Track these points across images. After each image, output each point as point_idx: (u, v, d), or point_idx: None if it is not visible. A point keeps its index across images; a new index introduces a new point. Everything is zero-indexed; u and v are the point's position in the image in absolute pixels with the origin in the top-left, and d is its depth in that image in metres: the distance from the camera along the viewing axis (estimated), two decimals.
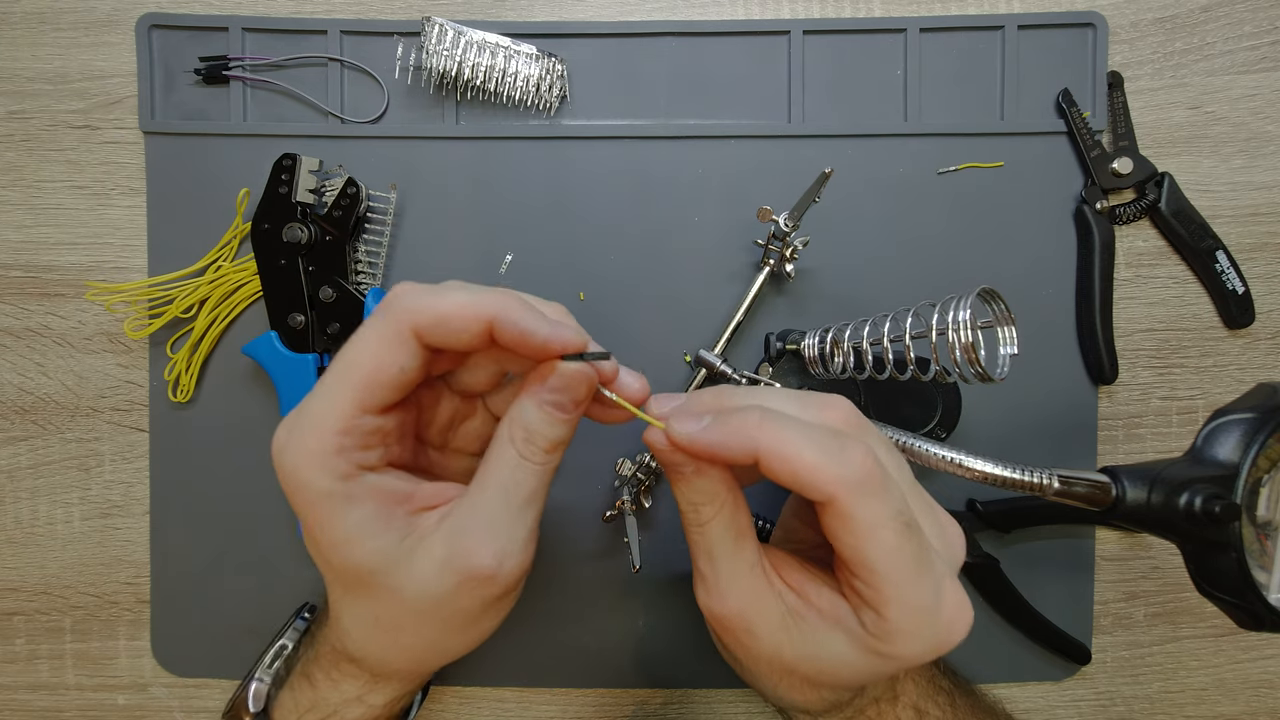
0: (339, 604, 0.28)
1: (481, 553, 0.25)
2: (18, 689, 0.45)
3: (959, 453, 0.30)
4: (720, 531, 0.26)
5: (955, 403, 0.40)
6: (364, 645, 0.28)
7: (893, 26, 0.43)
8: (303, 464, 0.24)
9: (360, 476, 0.25)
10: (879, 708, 0.30)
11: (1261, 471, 0.30)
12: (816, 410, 0.26)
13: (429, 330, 0.24)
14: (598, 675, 0.44)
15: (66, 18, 0.44)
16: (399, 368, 0.24)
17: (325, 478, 0.24)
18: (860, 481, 0.22)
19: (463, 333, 0.24)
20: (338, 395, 0.24)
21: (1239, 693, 0.45)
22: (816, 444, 0.23)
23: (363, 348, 0.25)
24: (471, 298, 0.24)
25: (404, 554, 0.25)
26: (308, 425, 0.24)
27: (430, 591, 0.25)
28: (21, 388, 0.44)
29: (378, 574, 0.25)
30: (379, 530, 0.25)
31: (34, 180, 0.44)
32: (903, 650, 0.24)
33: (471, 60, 0.41)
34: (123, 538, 0.44)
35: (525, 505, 0.26)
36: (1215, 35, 0.44)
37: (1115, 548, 0.45)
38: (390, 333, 0.24)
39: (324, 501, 0.24)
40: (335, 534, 0.25)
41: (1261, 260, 0.44)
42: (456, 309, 0.24)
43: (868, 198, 0.44)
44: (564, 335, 0.24)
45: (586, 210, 0.44)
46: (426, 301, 0.24)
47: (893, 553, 0.23)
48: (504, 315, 0.24)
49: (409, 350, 0.24)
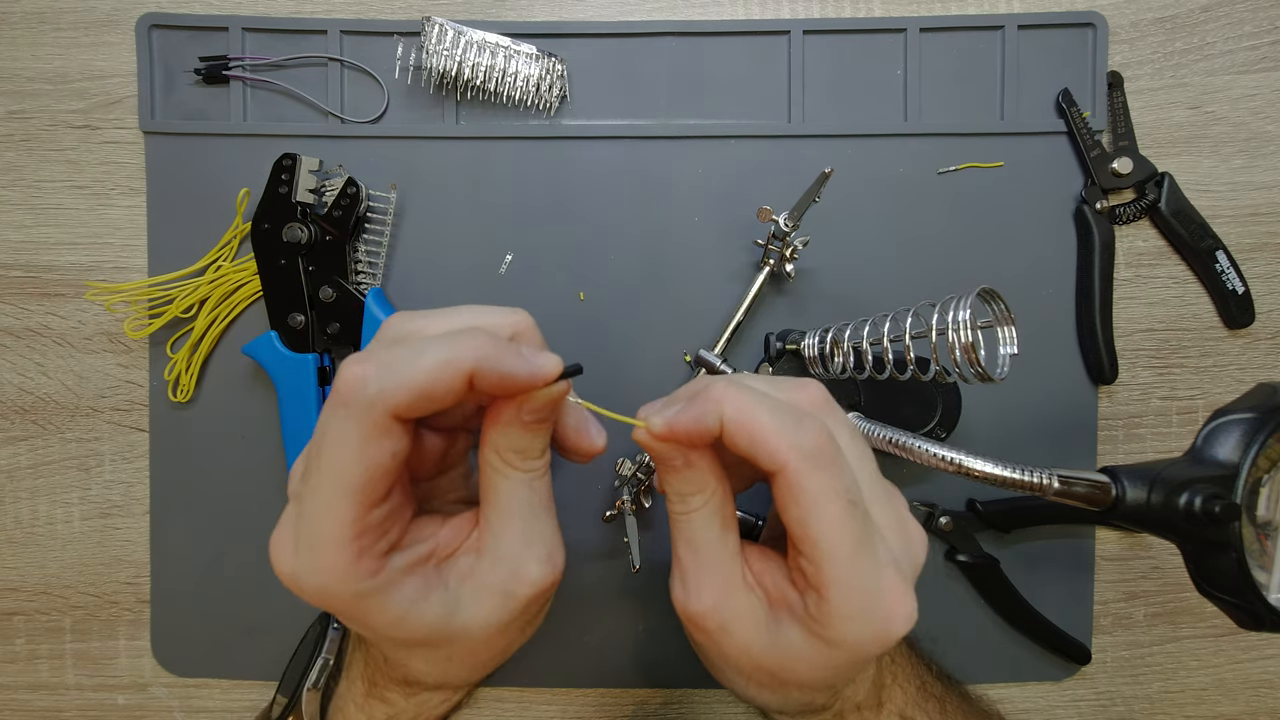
0: (406, 658, 0.29)
1: (537, 568, 0.26)
2: (18, 689, 0.45)
3: (959, 453, 0.30)
4: (706, 520, 0.26)
5: (955, 403, 0.40)
6: (444, 678, 0.30)
7: (893, 26, 0.43)
8: (328, 583, 0.23)
9: (387, 563, 0.24)
10: (861, 715, 0.30)
11: (1261, 471, 0.30)
12: (785, 390, 0.26)
13: (409, 409, 0.22)
14: (598, 675, 0.44)
15: (66, 18, 0.44)
16: (391, 457, 0.23)
17: (355, 584, 0.23)
18: (811, 452, 0.23)
19: (447, 396, 0.23)
20: (338, 506, 0.23)
21: (1239, 693, 0.45)
22: (774, 413, 0.23)
23: (345, 451, 0.22)
24: (441, 356, 0.22)
25: (454, 603, 0.26)
26: (319, 544, 0.23)
27: (497, 621, 0.26)
28: (21, 388, 0.44)
29: (437, 631, 0.26)
30: (423, 598, 0.25)
31: (34, 180, 0.44)
32: (841, 634, 0.24)
33: (471, 60, 0.41)
34: (123, 538, 0.44)
35: (545, 508, 0.27)
36: (1215, 35, 0.44)
37: (1115, 548, 0.45)
38: (368, 428, 0.22)
39: (362, 603, 0.24)
40: (385, 621, 0.24)
41: (1261, 260, 0.44)
42: (433, 378, 0.22)
43: (868, 198, 0.44)
44: (545, 371, 0.24)
45: (586, 210, 0.44)
46: (396, 379, 0.22)
47: (835, 528, 0.23)
48: (482, 366, 0.23)
49: (395, 437, 0.23)
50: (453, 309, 0.27)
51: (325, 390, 0.42)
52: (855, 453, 0.26)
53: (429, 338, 0.24)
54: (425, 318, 0.26)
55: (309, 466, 0.24)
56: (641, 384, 0.43)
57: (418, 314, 0.26)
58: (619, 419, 0.26)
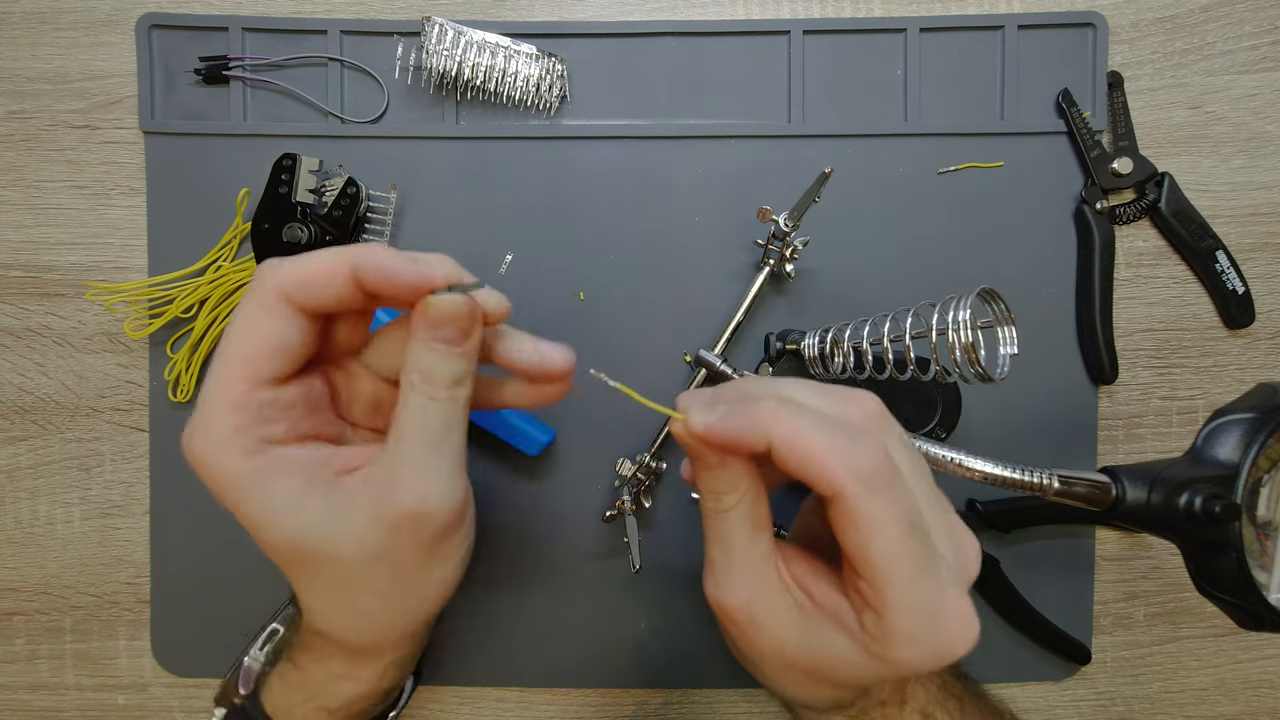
0: (294, 583, 0.28)
1: (406, 495, 0.25)
2: (18, 689, 0.45)
3: (959, 453, 0.30)
4: (739, 521, 0.26)
5: (955, 403, 0.40)
6: (327, 617, 0.28)
7: (893, 26, 0.43)
8: (207, 451, 0.24)
9: (268, 451, 0.25)
10: (884, 711, 0.30)
11: (1261, 471, 0.30)
12: (838, 403, 0.25)
13: (297, 292, 0.24)
14: (598, 675, 0.44)
15: (66, 18, 0.44)
16: (277, 337, 0.25)
17: (231, 459, 0.24)
18: (869, 476, 0.22)
19: (328, 287, 0.24)
20: (222, 374, 0.24)
21: (1239, 693, 0.45)
22: (828, 434, 0.22)
23: (237, 323, 0.25)
24: (332, 253, 0.25)
25: (333, 518, 0.25)
26: (204, 410, 0.24)
27: (367, 545, 0.25)
28: (21, 388, 0.44)
29: (311, 543, 0.25)
30: (301, 501, 0.25)
31: (34, 180, 0.44)
32: (900, 655, 0.23)
33: (471, 60, 0.41)
34: (123, 538, 0.44)
35: (440, 442, 0.25)
36: (1215, 35, 0.44)
37: (1115, 548, 0.45)
38: (260, 303, 0.24)
39: (236, 483, 0.24)
40: (256, 513, 0.25)
41: (1261, 260, 0.44)
42: (317, 267, 0.24)
43: (868, 198, 0.44)
44: (426, 270, 0.24)
45: (586, 210, 0.44)
46: (288, 266, 0.25)
47: (896, 552, 0.22)
48: (364, 261, 0.24)
49: (283, 317, 0.25)
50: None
51: None
52: (912, 469, 0.25)
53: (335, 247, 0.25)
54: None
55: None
56: (642, 384, 0.43)
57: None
58: (656, 408, 0.26)
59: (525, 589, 0.44)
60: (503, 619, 0.44)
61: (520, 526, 0.44)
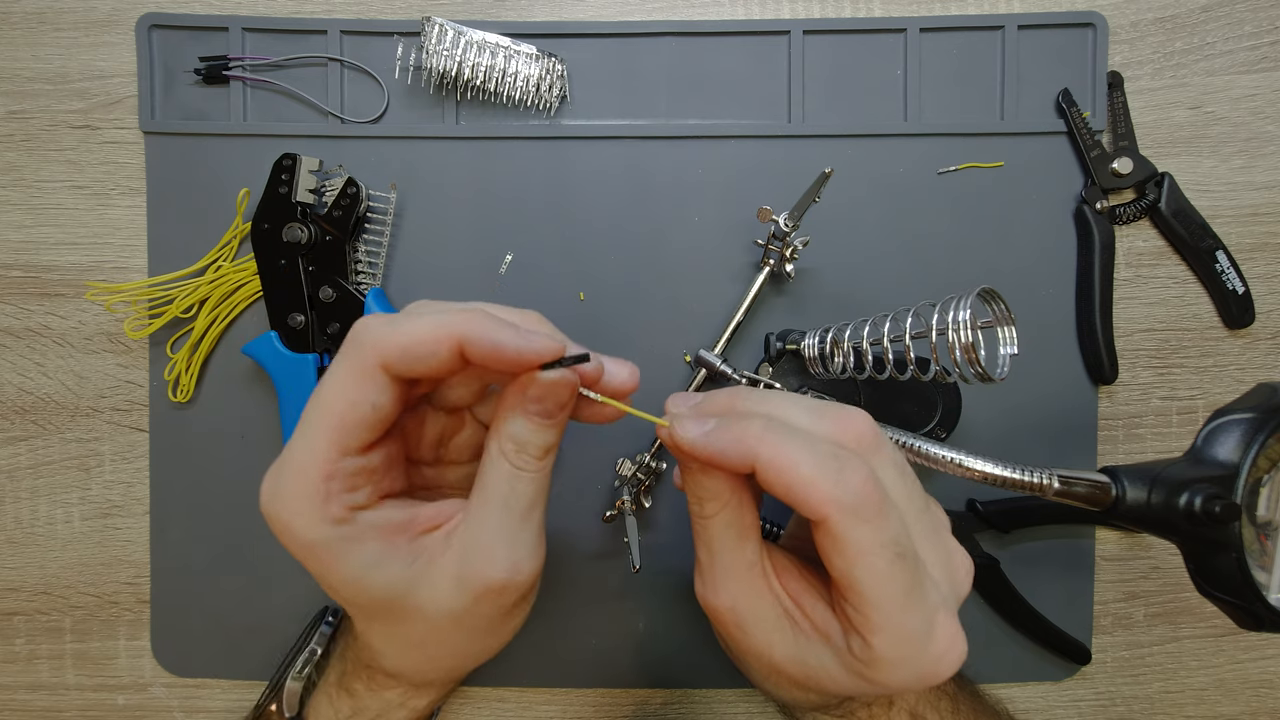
0: (366, 631, 0.29)
1: (494, 566, 0.25)
2: (18, 689, 0.45)
3: (959, 453, 0.30)
4: (722, 528, 0.26)
5: (955, 403, 0.40)
6: (398, 663, 0.29)
7: (893, 26, 0.43)
8: (292, 517, 0.24)
9: (354, 518, 0.24)
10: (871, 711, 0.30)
11: (1261, 471, 0.30)
12: (828, 422, 0.25)
13: (396, 363, 0.23)
14: (598, 675, 0.44)
15: (66, 18, 0.44)
16: (370, 405, 0.24)
17: (317, 527, 0.24)
18: (854, 505, 0.22)
19: (431, 359, 0.23)
20: (315, 441, 0.24)
21: (1239, 693, 0.45)
22: (814, 461, 0.22)
23: (332, 390, 0.24)
24: (436, 321, 0.23)
25: (416, 578, 0.25)
26: (290, 475, 0.24)
27: (450, 608, 0.25)
28: (21, 388, 0.44)
29: (394, 602, 0.25)
30: (384, 564, 0.25)
31: (34, 180, 0.44)
32: (886, 679, 0.23)
33: (471, 60, 0.41)
34: (123, 538, 0.44)
35: (528, 513, 0.26)
36: (1215, 35, 0.44)
37: (1115, 548, 0.45)
38: (357, 371, 0.23)
39: (320, 550, 0.24)
40: (341, 577, 0.25)
41: (1261, 260, 0.44)
42: (421, 337, 0.23)
43: (868, 198, 0.44)
44: (536, 345, 0.23)
45: (586, 210, 0.44)
46: (389, 333, 0.23)
47: (882, 581, 0.22)
48: (472, 334, 0.23)
49: (378, 386, 0.24)
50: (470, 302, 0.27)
51: None
52: (903, 492, 0.25)
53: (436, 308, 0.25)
54: (443, 302, 0.26)
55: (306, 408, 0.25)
56: (642, 384, 0.43)
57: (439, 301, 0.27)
58: (643, 416, 0.26)
59: None
60: None
61: None
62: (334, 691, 0.34)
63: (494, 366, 0.24)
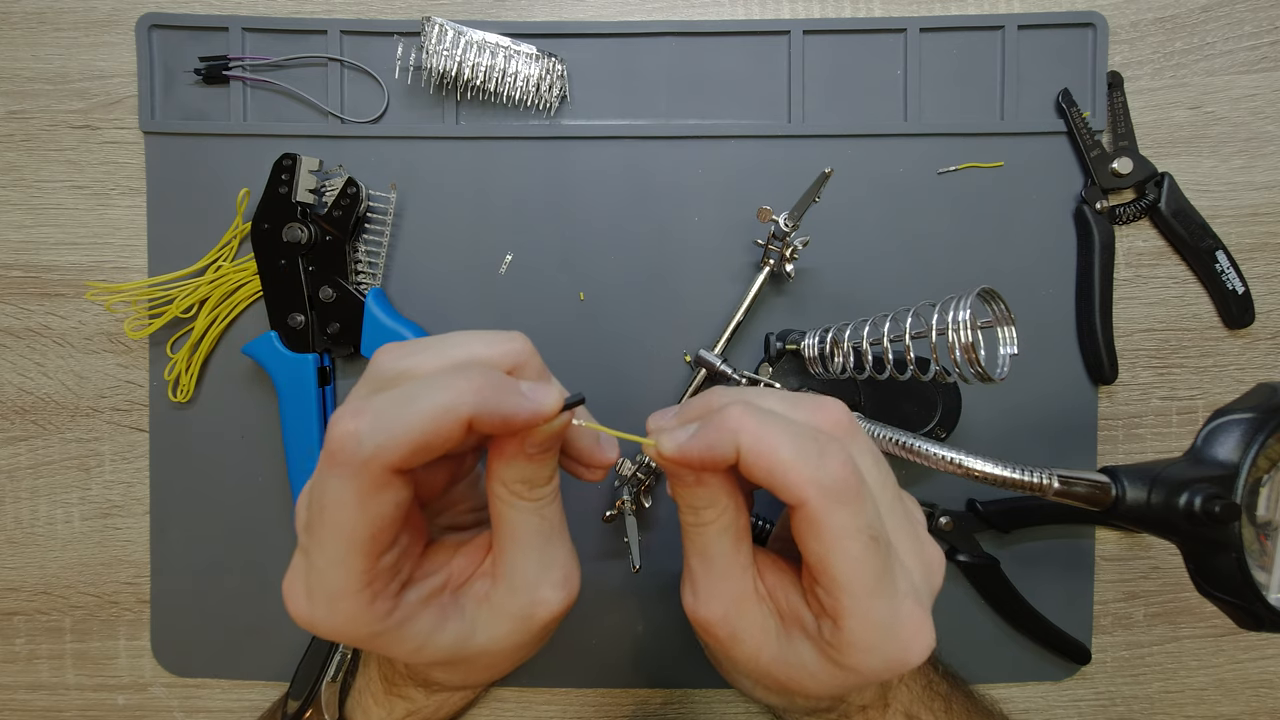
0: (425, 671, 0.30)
1: (553, 594, 0.26)
2: (18, 689, 0.45)
3: (959, 453, 0.30)
4: (718, 534, 0.26)
5: (955, 403, 0.40)
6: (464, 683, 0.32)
7: (893, 26, 0.43)
8: (343, 626, 0.23)
9: (400, 601, 0.24)
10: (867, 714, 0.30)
11: (1261, 471, 0.30)
12: (805, 411, 0.25)
13: (406, 462, 0.21)
14: (598, 675, 0.44)
15: (66, 18, 0.44)
16: (394, 509, 0.22)
17: (370, 625, 0.23)
18: (833, 488, 0.22)
19: (444, 445, 0.22)
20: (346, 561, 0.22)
21: (1239, 693, 0.45)
22: (794, 443, 0.22)
23: (347, 512, 0.22)
24: (437, 402, 0.21)
25: (471, 629, 0.26)
26: (331, 597, 0.23)
27: (515, 644, 0.26)
28: (21, 388, 0.44)
29: (455, 654, 0.26)
30: (440, 626, 0.25)
31: (34, 180, 0.44)
32: (856, 663, 0.24)
33: (471, 60, 0.41)
34: (123, 538, 0.44)
35: (557, 532, 0.27)
36: (1215, 35, 0.44)
37: (1115, 548, 0.45)
38: (369, 487, 0.21)
39: (381, 639, 0.24)
40: (404, 652, 0.25)
41: (1261, 260, 0.44)
42: (429, 429, 0.21)
43: (868, 198, 0.44)
44: (547, 407, 0.23)
45: (586, 210, 0.44)
46: (392, 434, 0.21)
47: (855, 565, 0.22)
48: (480, 410, 0.21)
49: (395, 489, 0.22)
50: (445, 339, 0.25)
51: (325, 391, 0.42)
52: (878, 479, 0.25)
53: (423, 380, 0.22)
54: (416, 353, 0.24)
55: (311, 520, 0.23)
56: (641, 384, 0.43)
57: (407, 348, 0.25)
58: (627, 438, 0.26)
59: None
60: None
61: None
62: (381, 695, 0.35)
63: (503, 434, 0.24)
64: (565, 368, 0.42)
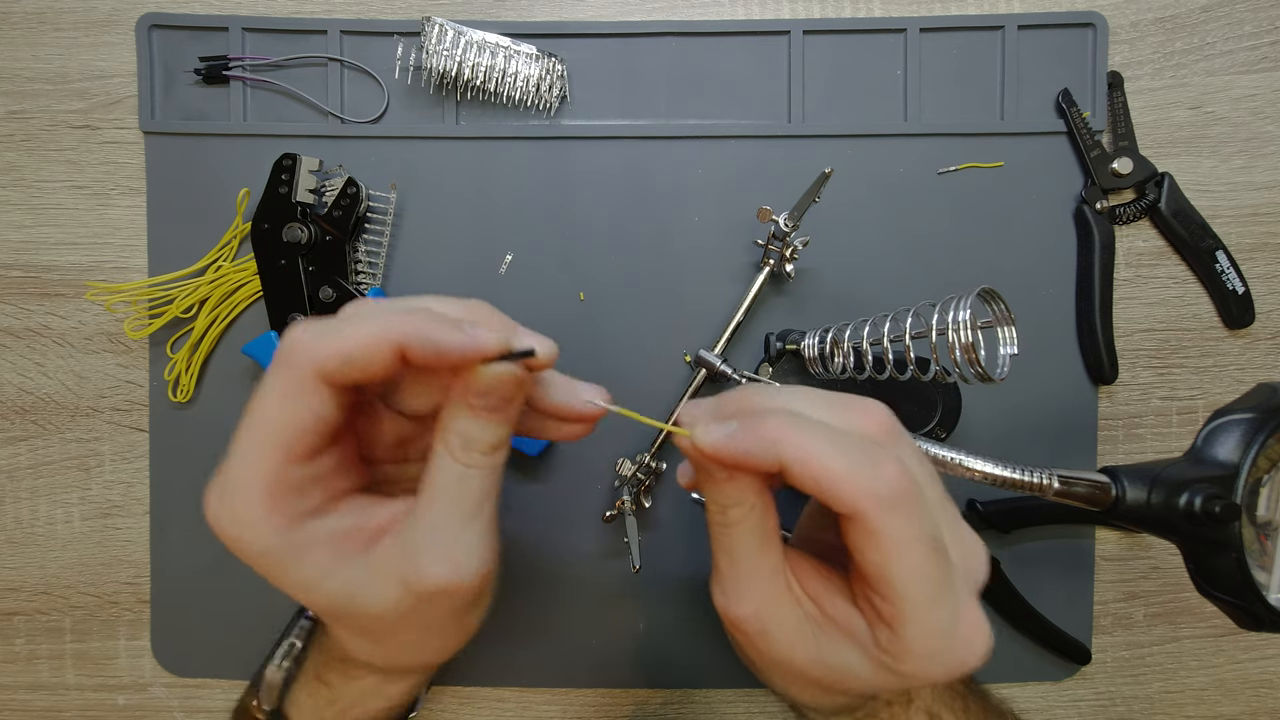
0: (332, 627, 0.29)
1: (436, 569, 0.24)
2: (18, 689, 0.45)
3: (959, 453, 0.30)
4: (745, 534, 0.25)
5: (955, 403, 0.40)
6: (369, 654, 0.29)
7: (893, 26, 0.43)
8: (240, 530, 0.24)
9: (301, 527, 0.24)
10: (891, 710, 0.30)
11: (1261, 471, 0.30)
12: (849, 414, 0.24)
13: (336, 372, 0.23)
14: (598, 675, 0.44)
15: (66, 18, 0.44)
16: (313, 416, 0.23)
17: (265, 538, 0.23)
18: (891, 497, 0.21)
19: (371, 365, 0.23)
20: (255, 455, 0.23)
21: (1239, 693, 0.45)
22: (845, 453, 0.22)
23: (270, 403, 0.23)
24: (373, 327, 0.23)
25: (367, 580, 0.25)
26: (233, 489, 0.24)
27: (398, 609, 0.25)
28: (21, 388, 0.44)
29: (347, 604, 0.25)
30: (334, 572, 0.24)
31: (34, 180, 0.44)
32: (915, 670, 0.23)
33: (471, 60, 0.41)
34: (123, 538, 0.44)
35: (475, 512, 0.25)
36: (1215, 35, 0.44)
37: (1115, 548, 0.45)
38: (294, 383, 0.23)
39: (269, 559, 0.24)
40: (292, 583, 0.24)
41: (1261, 260, 0.44)
42: (358, 343, 0.22)
43: (868, 198, 0.44)
44: (477, 341, 0.23)
45: (586, 210, 0.44)
46: (325, 343, 0.22)
47: (917, 574, 0.22)
48: (411, 336, 0.22)
49: (319, 397, 0.23)
50: (409, 298, 0.26)
51: None
52: (926, 479, 0.24)
53: (372, 311, 0.24)
54: (380, 302, 0.25)
55: (240, 421, 0.24)
56: (641, 384, 0.43)
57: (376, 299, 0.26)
58: (658, 425, 0.25)
59: (525, 589, 0.44)
60: (503, 619, 0.44)
61: (520, 526, 0.44)
62: (312, 683, 0.33)
63: (438, 367, 0.24)
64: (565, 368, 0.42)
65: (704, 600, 0.44)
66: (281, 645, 0.40)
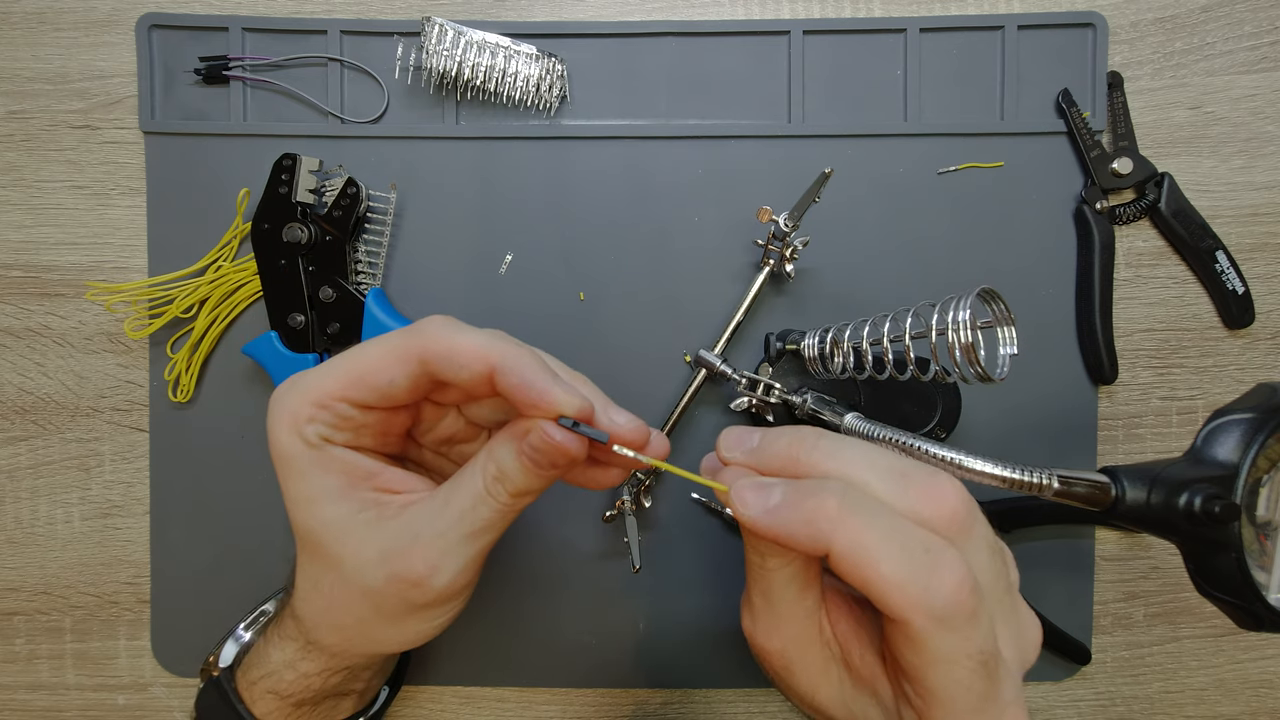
0: (299, 560, 0.30)
1: (416, 561, 0.26)
2: (18, 689, 0.45)
3: (959, 453, 0.30)
4: (785, 581, 0.24)
5: (955, 403, 0.40)
6: (304, 604, 0.30)
7: (893, 26, 0.43)
8: (280, 421, 0.26)
9: (325, 447, 0.26)
10: None
11: (1261, 471, 0.30)
12: (915, 496, 0.22)
13: (435, 360, 0.25)
14: (598, 675, 0.44)
15: (66, 18, 0.44)
16: (389, 380, 0.26)
17: (295, 440, 0.26)
18: (944, 613, 0.19)
19: (464, 370, 0.25)
20: (329, 376, 0.26)
21: (1239, 693, 0.45)
22: (900, 556, 0.20)
23: (370, 349, 0.26)
24: (483, 342, 0.25)
25: (357, 528, 0.26)
26: (296, 388, 0.26)
27: (363, 575, 0.27)
28: (21, 388, 0.44)
29: (327, 540, 0.27)
30: (337, 499, 0.26)
31: (34, 180, 0.44)
32: None
33: (471, 60, 0.41)
34: (123, 538, 0.44)
35: (476, 535, 0.26)
36: (1215, 35, 0.44)
37: (1115, 548, 0.45)
38: (399, 350, 0.26)
39: (288, 461, 0.26)
40: (299, 492, 0.27)
41: (1261, 260, 0.44)
42: (465, 348, 0.25)
43: (868, 198, 0.44)
44: (559, 396, 0.24)
45: (586, 210, 0.44)
46: (444, 335, 0.25)
47: (959, 689, 0.20)
48: (507, 364, 0.24)
49: (406, 370, 0.25)
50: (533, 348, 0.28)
51: None
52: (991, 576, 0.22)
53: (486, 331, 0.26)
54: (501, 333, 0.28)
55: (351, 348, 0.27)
56: (641, 384, 0.43)
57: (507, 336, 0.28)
58: (700, 480, 0.25)
59: (525, 589, 0.44)
60: (503, 619, 0.44)
61: (520, 526, 0.44)
62: (258, 642, 0.34)
63: (515, 402, 0.24)
64: None
65: (704, 600, 0.44)
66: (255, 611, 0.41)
